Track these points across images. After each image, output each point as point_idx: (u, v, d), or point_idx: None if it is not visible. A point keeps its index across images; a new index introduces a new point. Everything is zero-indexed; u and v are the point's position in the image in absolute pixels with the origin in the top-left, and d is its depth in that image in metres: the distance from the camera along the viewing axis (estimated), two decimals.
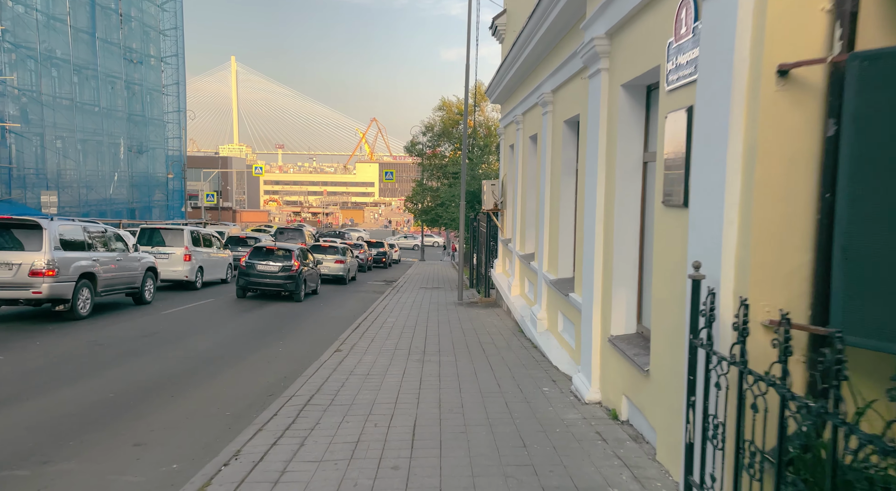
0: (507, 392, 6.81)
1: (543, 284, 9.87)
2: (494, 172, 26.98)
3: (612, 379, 5.71)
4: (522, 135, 12.73)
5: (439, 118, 41.90)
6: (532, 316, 10.37)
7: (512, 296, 13.06)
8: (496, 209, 15.64)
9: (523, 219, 12.65)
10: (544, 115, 9.86)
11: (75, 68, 36.54)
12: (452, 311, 14.97)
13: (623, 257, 5.70)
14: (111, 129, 40.20)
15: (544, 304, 9.87)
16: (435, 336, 10.95)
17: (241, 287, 17.57)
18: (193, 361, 9.29)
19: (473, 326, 12.18)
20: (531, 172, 12.11)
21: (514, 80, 12.73)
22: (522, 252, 12.44)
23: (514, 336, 10.87)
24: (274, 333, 12.21)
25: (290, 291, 17.50)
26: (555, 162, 9.40)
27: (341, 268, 24.44)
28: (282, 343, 11.19)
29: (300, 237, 32.52)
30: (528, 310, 11.42)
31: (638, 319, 5.72)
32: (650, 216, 5.56)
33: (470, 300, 17.41)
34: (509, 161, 15.26)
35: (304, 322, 14.03)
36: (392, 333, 11.31)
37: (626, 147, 5.63)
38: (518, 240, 13.11)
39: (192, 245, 19.33)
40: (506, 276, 15.26)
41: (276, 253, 17.85)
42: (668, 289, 4.41)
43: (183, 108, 49.68)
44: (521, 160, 12.83)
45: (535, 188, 11.98)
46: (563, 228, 8.98)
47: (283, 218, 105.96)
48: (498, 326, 12.13)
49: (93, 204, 38.64)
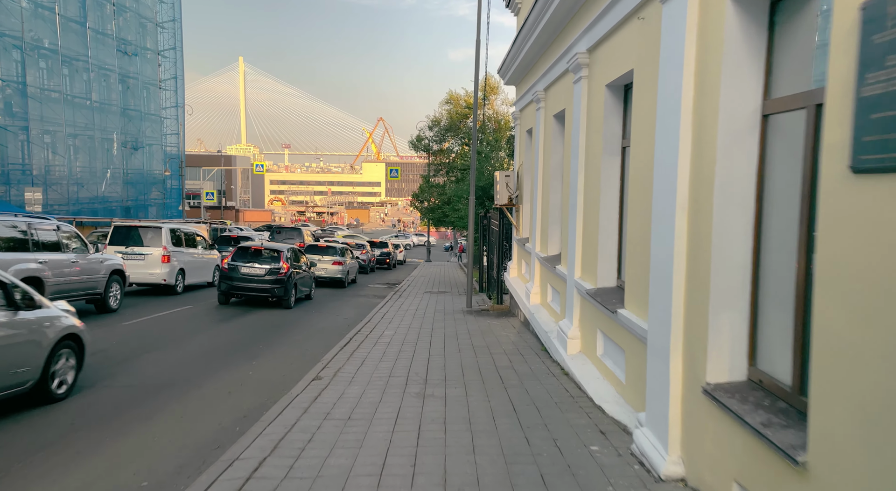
0: (542, 454, 4.81)
1: (575, 294, 7.87)
2: (505, 169, 24.93)
3: (711, 452, 3.71)
4: (544, 114, 10.74)
5: (446, 112, 39.91)
6: (560, 333, 8.37)
7: (531, 305, 11.07)
8: (511, 204, 13.65)
9: (545, 215, 10.65)
10: (577, 83, 7.86)
11: (65, 60, 34.79)
12: (461, 321, 12.99)
13: (728, 265, 3.70)
14: (104, 124, 38.43)
15: (576, 319, 7.87)
16: (440, 356, 8.97)
17: (222, 292, 15.64)
18: (131, 391, 7.34)
19: (486, 342, 10.19)
20: (556, 159, 10.11)
21: (534, 49, 10.74)
22: (544, 254, 10.45)
23: (536, 357, 8.88)
24: (248, 350, 10.26)
25: (279, 296, 15.56)
26: (592, 140, 7.40)
27: (339, 270, 22.50)
28: (254, 364, 9.24)
29: (299, 237, 30.63)
30: (553, 325, 9.42)
31: (750, 358, 3.72)
32: (774, 201, 3.56)
33: (480, 307, 15.42)
34: (526, 148, 13.27)
35: (289, 334, 12.08)
36: (388, 351, 9.34)
37: (735, 93, 3.63)
38: (538, 240, 11.12)
39: (173, 245, 17.43)
40: (522, 281, 13.26)
41: (262, 254, 15.92)
42: (864, 324, 2.41)
43: (181, 104, 47.90)
44: (543, 145, 10.84)
45: (560, 177, 9.98)
46: (604, 224, 6.98)
47: (288, 218, 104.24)
48: (515, 343, 10.13)
49: (84, 202, 36.91)
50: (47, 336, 6.49)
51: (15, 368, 6.02)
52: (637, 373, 5.51)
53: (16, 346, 6.06)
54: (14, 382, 6.04)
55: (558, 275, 9.10)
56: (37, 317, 6.41)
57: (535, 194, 11.29)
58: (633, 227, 5.75)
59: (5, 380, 5.90)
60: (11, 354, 5.98)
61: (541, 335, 9.74)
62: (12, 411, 6.30)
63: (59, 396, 6.72)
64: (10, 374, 5.95)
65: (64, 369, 6.85)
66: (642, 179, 5.44)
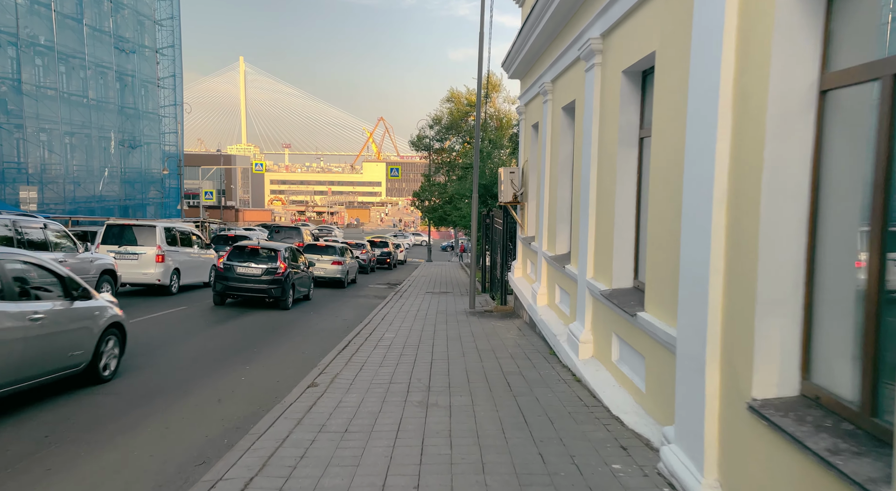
0: (560, 474, 4.35)
1: (587, 295, 7.41)
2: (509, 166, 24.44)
3: (759, 478, 3.24)
4: (552, 107, 10.28)
5: (447, 110, 39.44)
6: (570, 337, 7.91)
7: (538, 306, 10.60)
8: (516, 202, 13.19)
9: (552, 212, 10.19)
10: (589, 71, 7.40)
11: (62, 57, 34.36)
12: (464, 322, 12.52)
13: (777, 263, 3.23)
14: (101, 123, 37.98)
15: (588, 322, 7.41)
16: (443, 360, 8.51)
17: (218, 293, 15.18)
18: (115, 399, 6.89)
19: (491, 345, 9.73)
20: (564, 153, 9.65)
21: (541, 39, 10.28)
22: (552, 253, 9.98)
23: (545, 361, 8.41)
24: (243, 353, 9.80)
25: (276, 297, 15.10)
26: (606, 131, 6.94)
27: (339, 270, 22.03)
28: (248, 368, 8.77)
29: (297, 236, 30.19)
30: (562, 327, 8.95)
31: (803, 371, 3.25)
32: (835, 189, 3.09)
33: (484, 308, 14.96)
34: (532, 144, 12.80)
35: (286, 336, 11.62)
36: (389, 355, 8.87)
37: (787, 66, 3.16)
38: (545, 238, 10.65)
39: (167, 244, 16.97)
40: (528, 281, 12.80)
41: (259, 253, 15.46)
42: None
43: (180, 102, 47.45)
44: (550, 139, 10.38)
45: (570, 172, 9.53)
46: (619, 221, 6.52)
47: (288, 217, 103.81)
48: (522, 346, 9.67)
49: (80, 201, 36.47)
50: (97, 323, 7.29)
51: (72, 350, 6.81)
52: (660, 381, 5.05)
53: (73, 331, 6.81)
54: (71, 363, 6.85)
55: (568, 275, 8.63)
56: (88, 306, 7.19)
57: (542, 191, 10.82)
58: (656, 224, 5.28)
59: (65, 361, 6.71)
60: (70, 338, 6.75)
61: (549, 338, 9.28)
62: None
63: (105, 378, 7.51)
64: (68, 355, 6.74)
65: (110, 354, 7.64)
66: (667, 171, 4.98)
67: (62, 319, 6.59)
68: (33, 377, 6.22)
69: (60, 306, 6.66)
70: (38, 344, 6.18)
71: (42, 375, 6.35)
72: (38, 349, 6.20)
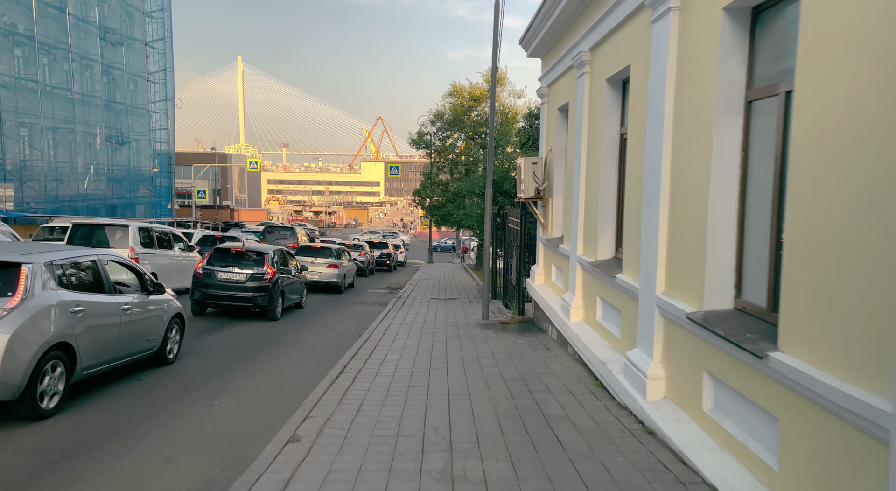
0: None
1: (657, 316, 5.61)
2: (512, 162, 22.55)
3: None
4: (590, 82, 8.48)
5: (450, 105, 37.59)
6: (629, 369, 6.11)
7: (571, 322, 8.80)
8: (538, 198, 11.38)
9: (592, 208, 8.39)
10: (659, 22, 5.60)
11: (43, 48, 32.50)
12: (479, 338, 10.71)
13: None
14: (87, 117, 36.12)
15: (659, 352, 5.61)
16: (464, 396, 6.70)
17: (196, 301, 13.35)
18: (34, 457, 5.06)
19: (519, 372, 7.91)
20: (609, 137, 7.84)
21: (574, 2, 8.49)
22: (592, 259, 8.18)
23: (593, 398, 6.61)
24: (215, 380, 8.00)
25: (262, 306, 13.27)
26: (691, 95, 5.13)
27: (335, 273, 20.21)
28: (215, 405, 6.96)
29: (292, 237, 28.32)
30: (611, 353, 7.13)
31: None
32: None
33: (499, 319, 13.16)
34: (558, 130, 10.99)
35: (270, 355, 9.81)
36: (394, 387, 7.06)
37: None
38: (581, 240, 8.85)
39: (143, 247, 15.17)
40: (554, 290, 10.99)
41: (243, 257, 13.64)
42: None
43: (171, 97, 45.55)
44: (588, 121, 8.58)
45: (617, 158, 7.73)
46: (716, 214, 4.72)
47: (285, 217, 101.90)
48: (557, 373, 7.86)
49: (64, 199, 34.60)
50: (167, 313, 8.59)
51: (149, 335, 8.11)
52: (820, 459, 3.25)
53: (149, 319, 8.05)
54: (148, 346, 8.15)
55: (619, 287, 6.83)
56: (159, 299, 8.39)
57: (576, 184, 9.01)
58: (799, 216, 3.49)
59: (144, 344, 8.01)
60: (147, 326, 8.00)
61: (592, 365, 7.47)
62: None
63: (170, 360, 8.76)
64: (146, 340, 8.05)
65: (173, 341, 8.88)
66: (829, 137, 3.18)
67: (143, 308, 7.83)
68: (125, 356, 7.54)
69: (140, 299, 7.82)
70: (128, 329, 7.44)
71: (130, 354, 7.65)
72: (128, 333, 7.46)
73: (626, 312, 6.71)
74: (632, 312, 6.46)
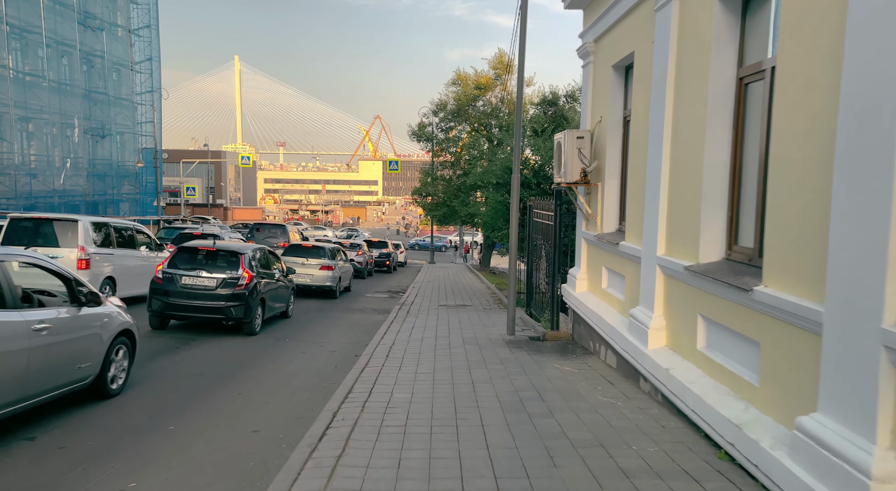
0: None
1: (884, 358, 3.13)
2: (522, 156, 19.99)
3: None
4: (679, 11, 6.01)
5: (453, 94, 35.11)
6: (802, 445, 3.62)
7: (650, 350, 6.31)
8: (583, 182, 8.89)
9: (681, 192, 5.91)
10: None
11: (14, 31, 29.96)
12: (511, 363, 8.23)
13: None
14: (64, 108, 33.53)
15: (889, 423, 3.14)
16: (519, 480, 4.22)
17: (155, 313, 10.84)
18: None
19: (591, 430, 5.41)
20: (719, 87, 5.34)
21: None
22: (688, 261, 5.68)
23: (725, 481, 4.13)
24: (150, 434, 5.54)
25: (237, 318, 10.77)
26: None
27: (328, 276, 17.70)
28: (134, 488, 4.48)
29: (282, 235, 25.82)
30: (739, 406, 4.60)
31: None
32: None
33: (526, 333, 10.68)
34: (611, 94, 8.51)
35: (236, 390, 7.32)
36: (407, 463, 4.57)
37: None
38: (662, 235, 6.36)
39: (98, 246, 12.68)
40: (607, 301, 8.51)
41: (214, 258, 11.14)
42: None
43: (157, 88, 42.92)
44: (674, 69, 6.11)
45: (729, 120, 5.26)
46: None
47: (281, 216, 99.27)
48: (646, 429, 5.37)
49: (39, 195, 32.05)
50: (108, 330, 6.57)
51: (79, 363, 6.08)
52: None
53: (80, 340, 6.09)
54: (79, 376, 6.13)
55: (758, 305, 4.35)
56: (98, 313, 6.45)
57: (655, 159, 6.52)
58: None
59: (72, 374, 5.98)
60: (76, 348, 6.03)
61: (701, 419, 4.98)
62: None
63: (113, 392, 6.72)
64: (75, 368, 6.02)
65: (118, 366, 6.86)
66: None
67: (70, 326, 5.95)
68: (40, 394, 5.53)
69: (67, 313, 5.99)
70: (45, 356, 5.51)
71: (49, 391, 5.66)
72: (45, 362, 5.53)
73: (777, 347, 4.22)
74: (784, 347, 3.99)
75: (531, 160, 17.96)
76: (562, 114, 23.92)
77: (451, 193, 34.73)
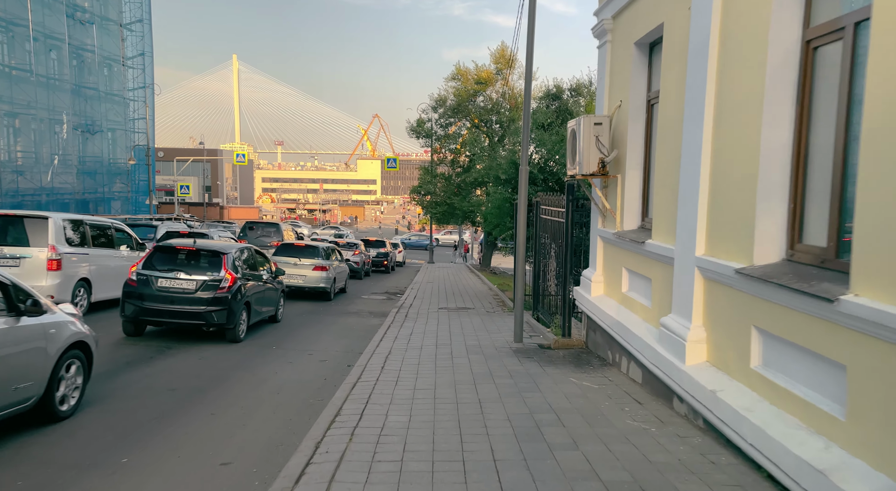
0: None
1: None
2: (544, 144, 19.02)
3: None
4: None
5: (453, 89, 34.18)
6: None
7: (688, 366, 5.40)
8: (601, 173, 7.97)
9: (728, 181, 5.00)
10: None
11: (0, 24, 29.00)
12: (522, 376, 7.32)
13: None
14: (52, 103, 32.53)
15: None
16: None
17: (129, 318, 9.89)
18: None
19: (627, 469, 4.49)
20: (781, 48, 4.43)
21: None
22: (739, 263, 4.75)
23: None
24: (95, 471, 4.60)
25: (218, 324, 9.84)
26: None
27: (322, 277, 16.76)
28: None
29: (276, 234, 24.84)
30: (822, 450, 3.70)
31: None
32: None
33: (535, 340, 9.77)
34: (633, 75, 7.58)
35: (208, 410, 6.39)
36: None
37: None
38: (702, 232, 5.44)
39: (71, 245, 11.75)
40: (629, 308, 7.58)
41: (194, 258, 10.21)
42: None
43: (150, 83, 41.94)
44: (719, 38, 5.20)
45: (792, 98, 4.34)
46: None
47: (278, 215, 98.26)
48: (692, 466, 4.45)
49: (26, 193, 31.07)
50: (56, 343, 5.68)
51: (17, 383, 5.17)
52: None
53: (19, 356, 5.23)
54: (18, 398, 5.22)
55: (847, 319, 3.43)
56: (41, 323, 5.54)
57: (691, 144, 5.61)
58: None
59: (7, 397, 5.08)
60: (14, 367, 5.15)
61: (776, 463, 4.07)
62: None
63: (62, 413, 5.82)
64: (11, 390, 5.11)
65: (70, 383, 5.95)
66: None
67: (3, 341, 5.01)
68: None
69: (3, 324, 5.07)
70: None
71: None
72: None
73: (866, 368, 3.30)
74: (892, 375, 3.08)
75: (535, 156, 17.03)
76: (566, 108, 23.05)
77: (450, 191, 33.82)
